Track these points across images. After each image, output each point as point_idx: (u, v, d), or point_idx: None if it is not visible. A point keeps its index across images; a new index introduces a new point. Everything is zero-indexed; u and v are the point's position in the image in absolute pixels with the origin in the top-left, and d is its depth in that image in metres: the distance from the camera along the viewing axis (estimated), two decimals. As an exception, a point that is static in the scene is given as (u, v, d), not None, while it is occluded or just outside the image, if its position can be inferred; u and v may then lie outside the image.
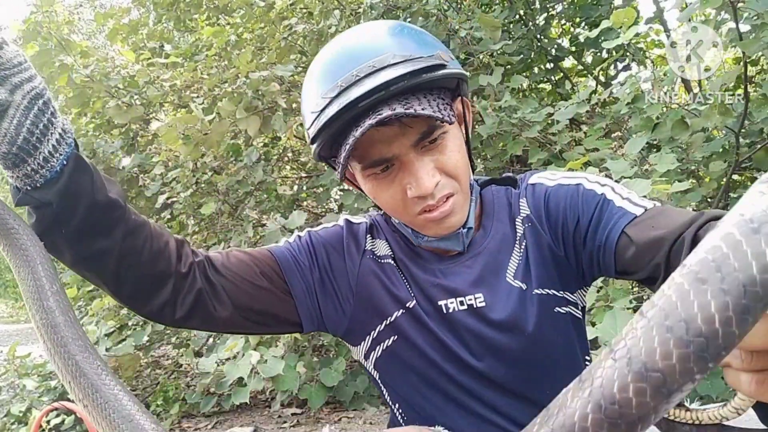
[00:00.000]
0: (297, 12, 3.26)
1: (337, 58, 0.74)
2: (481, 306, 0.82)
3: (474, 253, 0.84)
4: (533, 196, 0.84)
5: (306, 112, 0.77)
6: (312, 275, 0.85)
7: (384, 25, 0.78)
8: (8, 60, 0.55)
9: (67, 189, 0.62)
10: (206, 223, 3.58)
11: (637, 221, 0.72)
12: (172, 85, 3.02)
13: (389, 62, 0.69)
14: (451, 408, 0.84)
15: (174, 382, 3.13)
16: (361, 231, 0.90)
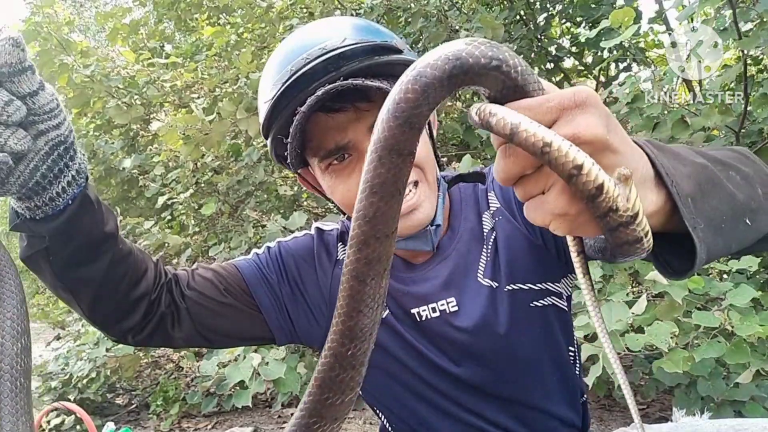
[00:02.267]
0: (298, 12, 3.26)
1: (291, 48, 0.72)
2: (453, 311, 0.80)
3: (443, 257, 0.82)
4: (501, 188, 0.82)
5: (260, 107, 0.74)
6: (281, 289, 0.83)
7: (340, 17, 0.77)
8: (41, 106, 0.54)
9: (64, 228, 0.61)
10: (206, 224, 3.58)
11: None
12: (173, 86, 3.02)
13: (341, 44, 0.67)
14: (436, 415, 0.83)
15: (174, 383, 3.13)
16: (332, 239, 0.87)
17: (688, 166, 0.43)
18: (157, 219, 3.68)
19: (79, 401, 2.74)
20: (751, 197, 0.47)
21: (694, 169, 0.43)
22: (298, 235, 0.89)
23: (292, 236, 0.90)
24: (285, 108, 0.68)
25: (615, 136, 0.37)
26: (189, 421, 2.93)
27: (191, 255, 3.18)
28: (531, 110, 0.36)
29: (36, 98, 0.53)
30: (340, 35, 0.68)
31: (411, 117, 0.35)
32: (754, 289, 1.30)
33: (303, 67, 0.67)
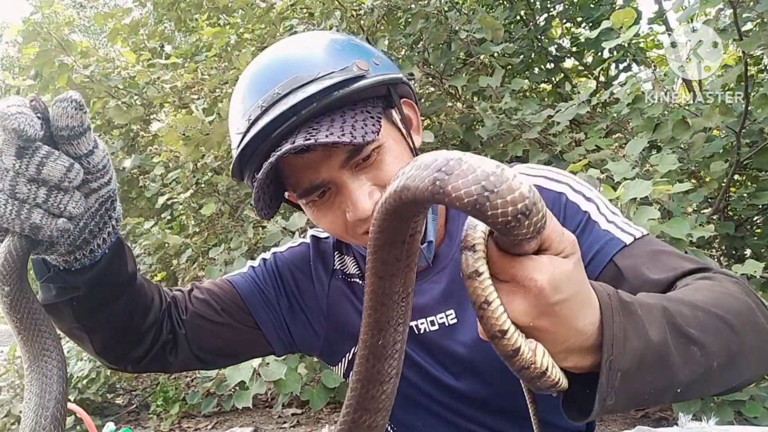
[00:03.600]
0: (298, 12, 3.25)
1: (244, 87, 0.70)
2: (452, 323, 0.78)
3: (441, 267, 0.79)
4: None
5: (231, 136, 0.72)
6: (279, 302, 0.81)
7: (297, 40, 0.73)
8: (95, 165, 0.53)
9: (100, 277, 0.60)
10: (206, 224, 3.57)
11: (627, 252, 0.67)
12: (173, 86, 3.02)
13: (296, 85, 0.64)
14: (439, 424, 0.82)
15: (174, 383, 3.13)
16: (328, 248, 0.85)
17: (643, 339, 0.42)
18: (157, 219, 3.67)
19: (79, 401, 2.74)
20: (698, 374, 0.46)
21: (646, 344, 0.42)
22: (294, 244, 0.87)
23: (288, 246, 0.87)
24: (256, 150, 0.66)
25: (548, 320, 0.38)
26: (189, 422, 2.93)
27: (191, 255, 3.18)
28: (497, 262, 0.38)
29: (91, 157, 0.53)
30: (295, 69, 0.66)
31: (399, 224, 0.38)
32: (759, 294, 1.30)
33: (262, 115, 0.64)
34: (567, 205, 0.72)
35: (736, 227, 2.52)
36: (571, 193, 0.73)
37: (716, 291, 0.55)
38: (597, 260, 0.68)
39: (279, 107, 0.63)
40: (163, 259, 3.46)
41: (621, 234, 0.69)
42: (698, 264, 0.64)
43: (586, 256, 0.69)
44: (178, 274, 3.27)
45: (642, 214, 1.34)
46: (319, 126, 0.62)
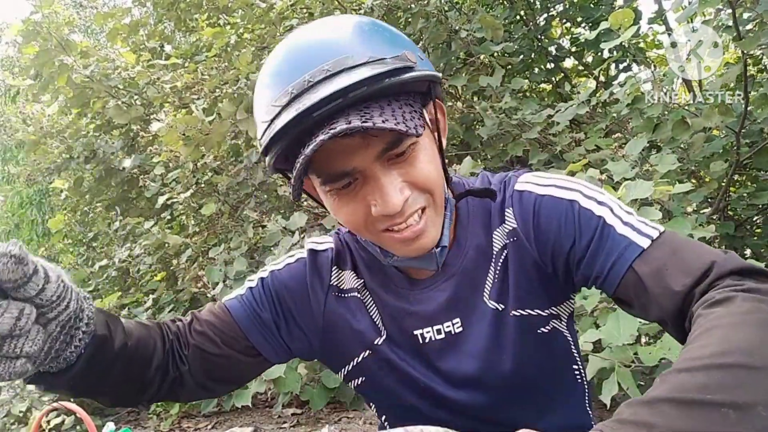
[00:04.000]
0: (298, 12, 3.25)
1: (289, 59, 0.65)
2: (458, 332, 0.76)
3: (449, 274, 0.77)
4: (520, 205, 0.74)
5: (257, 120, 0.68)
6: (277, 326, 0.80)
7: (344, 20, 0.69)
8: (48, 299, 0.53)
9: (83, 371, 0.61)
10: (206, 224, 3.58)
11: (645, 257, 0.65)
12: (173, 86, 3.02)
13: (347, 65, 0.61)
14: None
15: (174, 383, 3.13)
16: (325, 262, 0.82)
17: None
18: (157, 219, 3.68)
19: (79, 401, 2.74)
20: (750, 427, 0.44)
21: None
22: (291, 260, 0.84)
23: (285, 262, 0.84)
24: (285, 133, 0.63)
25: None
26: (189, 421, 2.93)
27: (191, 255, 3.18)
28: None
29: (43, 294, 0.53)
30: (346, 48, 0.62)
31: None
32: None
33: (305, 92, 0.61)
34: (580, 213, 0.70)
35: (735, 227, 2.52)
36: (583, 199, 0.71)
37: (730, 326, 0.52)
38: (617, 268, 0.67)
39: (328, 86, 0.60)
40: (163, 259, 3.47)
41: (638, 237, 0.67)
42: (714, 257, 0.61)
43: (605, 266, 0.67)
44: (178, 274, 3.27)
45: (643, 215, 1.34)
46: (370, 111, 0.60)
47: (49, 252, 4.32)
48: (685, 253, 0.64)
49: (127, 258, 3.55)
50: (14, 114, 4.22)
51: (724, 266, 0.60)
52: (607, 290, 0.70)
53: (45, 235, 9.82)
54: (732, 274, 0.59)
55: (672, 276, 0.62)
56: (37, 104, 3.83)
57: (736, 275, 0.59)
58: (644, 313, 0.68)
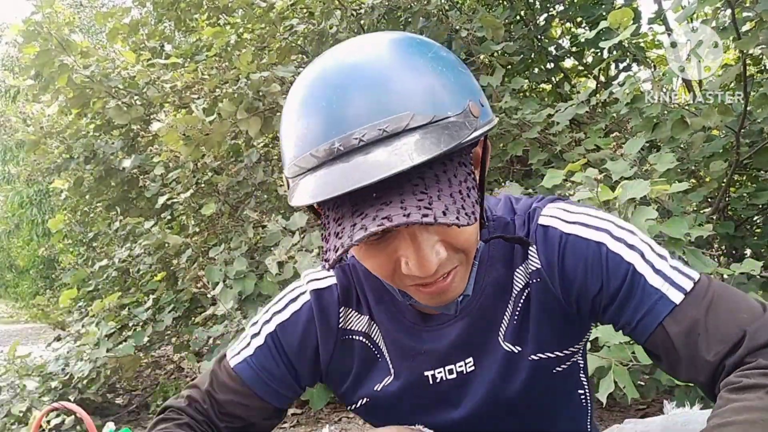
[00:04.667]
0: (298, 12, 3.26)
1: (336, 93, 0.55)
2: (471, 371, 0.74)
3: (464, 312, 0.73)
4: (545, 244, 0.69)
5: (285, 147, 0.60)
6: (292, 377, 0.78)
7: (398, 49, 0.58)
8: None
9: None
10: (206, 224, 3.58)
11: (677, 314, 0.61)
12: (173, 86, 3.02)
13: (408, 125, 0.52)
14: None
15: (174, 383, 3.13)
16: (332, 303, 0.76)
17: None
18: (157, 219, 3.67)
19: (79, 401, 2.74)
20: None
21: None
22: (295, 306, 0.77)
23: (290, 310, 0.77)
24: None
25: None
26: (189, 422, 2.93)
27: (191, 255, 3.18)
28: None
29: None
30: (407, 97, 0.53)
31: None
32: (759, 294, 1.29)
33: (354, 152, 0.52)
34: (608, 257, 0.65)
35: (735, 227, 2.52)
36: (611, 241, 0.66)
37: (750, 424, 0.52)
38: (646, 322, 0.63)
39: (383, 153, 0.51)
40: (163, 259, 3.46)
41: (670, 290, 0.63)
42: (748, 324, 0.59)
43: (634, 318, 0.64)
44: (178, 274, 3.27)
45: (640, 214, 1.35)
46: (428, 195, 0.52)
47: (49, 252, 4.32)
48: (720, 311, 0.60)
49: (127, 258, 3.55)
50: (14, 114, 4.23)
51: (758, 338, 0.58)
52: (635, 340, 0.67)
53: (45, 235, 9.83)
54: (763, 348, 0.57)
55: (703, 342, 0.60)
56: (37, 104, 3.84)
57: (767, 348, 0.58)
58: (673, 372, 0.65)
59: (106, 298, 3.12)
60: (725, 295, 0.62)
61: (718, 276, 1.48)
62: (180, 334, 3.33)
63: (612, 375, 1.33)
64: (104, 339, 2.96)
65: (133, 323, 3.23)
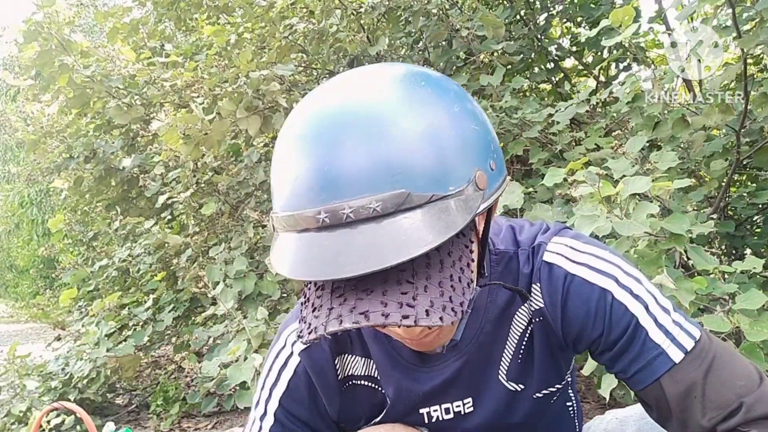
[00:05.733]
0: (297, 11, 3.25)
1: (326, 150, 0.50)
2: (468, 412, 0.73)
3: (461, 350, 0.71)
4: (549, 282, 0.67)
5: (274, 200, 0.57)
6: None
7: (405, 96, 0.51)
8: None
9: None
10: (206, 224, 3.58)
11: (675, 373, 0.61)
12: (173, 85, 3.02)
13: (405, 204, 0.47)
14: None
15: (174, 383, 3.13)
16: (325, 359, 0.73)
17: None
18: (157, 219, 3.67)
19: (79, 401, 2.74)
20: None
21: None
22: (288, 373, 0.73)
23: (284, 378, 0.73)
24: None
25: None
26: (189, 421, 2.93)
27: (191, 255, 3.18)
28: None
29: None
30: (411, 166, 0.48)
31: None
32: (763, 294, 1.29)
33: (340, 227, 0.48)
34: (613, 306, 0.64)
35: (736, 226, 2.52)
36: (617, 290, 0.65)
37: None
38: (642, 376, 0.64)
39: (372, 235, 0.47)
40: (163, 258, 3.46)
41: (670, 347, 0.62)
42: (745, 393, 0.59)
43: (630, 368, 0.65)
44: (178, 274, 3.27)
45: (641, 209, 1.35)
46: (412, 292, 0.48)
47: (49, 252, 4.32)
48: (718, 377, 0.60)
49: (127, 258, 3.55)
50: (14, 113, 4.22)
51: (754, 411, 0.58)
52: (628, 386, 0.68)
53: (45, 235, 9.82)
54: (759, 420, 0.58)
55: (699, 405, 0.60)
56: (37, 104, 3.83)
57: (763, 421, 0.58)
58: (662, 423, 0.66)
59: (106, 298, 3.12)
60: (724, 358, 0.62)
61: (720, 273, 1.48)
62: (180, 334, 3.33)
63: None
64: (104, 339, 2.95)
65: (133, 323, 3.23)
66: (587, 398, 2.31)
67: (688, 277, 1.42)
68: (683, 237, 1.36)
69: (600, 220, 1.35)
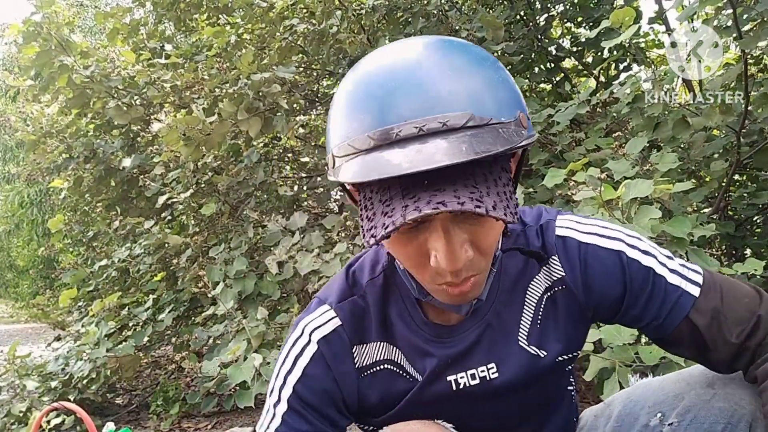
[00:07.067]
0: (298, 12, 3.25)
1: (402, 85, 0.56)
2: (494, 378, 0.75)
3: (479, 318, 0.75)
4: (566, 253, 0.74)
5: (334, 126, 0.62)
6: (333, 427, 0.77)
7: (464, 51, 0.60)
8: None
9: None
10: (206, 224, 3.58)
11: (699, 306, 0.70)
12: (173, 86, 3.02)
13: (470, 123, 0.54)
14: None
15: (174, 383, 3.13)
16: (342, 346, 0.75)
17: None
18: (157, 219, 3.67)
19: (79, 401, 2.74)
20: None
21: None
22: (305, 361, 0.75)
23: (300, 366, 0.75)
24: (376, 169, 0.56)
25: None
26: (189, 421, 2.93)
27: (191, 255, 3.18)
28: None
29: None
30: (473, 97, 0.56)
31: None
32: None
33: (412, 139, 0.53)
34: (628, 263, 0.72)
35: (736, 227, 2.52)
36: (627, 249, 0.73)
37: None
38: (672, 317, 0.71)
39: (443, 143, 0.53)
40: (163, 258, 3.46)
41: (688, 285, 0.71)
42: (757, 306, 0.70)
43: (661, 314, 0.71)
44: (178, 274, 3.27)
45: (643, 213, 1.35)
46: (479, 189, 0.54)
47: (49, 252, 4.32)
48: (731, 298, 0.70)
49: (127, 258, 3.55)
50: (14, 114, 4.22)
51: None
52: (655, 335, 0.74)
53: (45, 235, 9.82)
54: None
55: (725, 327, 0.69)
56: (37, 104, 3.83)
57: None
58: (697, 356, 0.73)
59: (106, 298, 3.12)
60: (726, 283, 0.72)
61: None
62: (180, 334, 3.32)
63: (616, 376, 1.33)
64: (104, 339, 2.96)
65: (133, 323, 3.23)
66: (587, 398, 2.31)
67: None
68: (685, 240, 1.36)
69: (602, 222, 1.35)
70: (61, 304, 3.51)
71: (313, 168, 3.79)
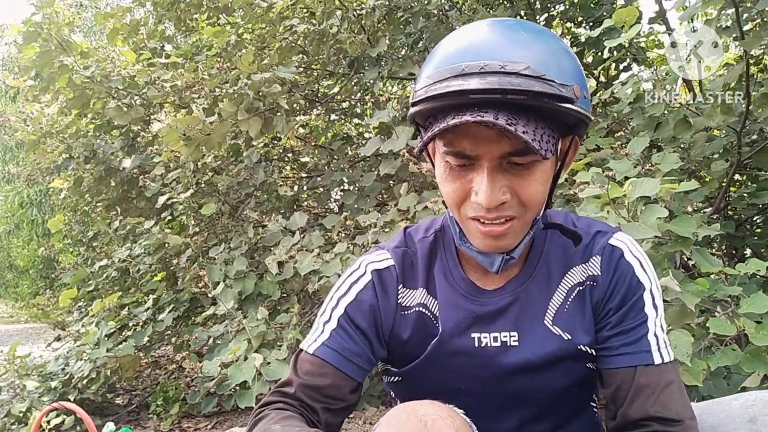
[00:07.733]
0: (298, 12, 3.25)
1: (475, 44, 0.70)
2: (513, 345, 0.81)
3: (512, 292, 0.83)
4: (610, 258, 0.82)
5: (422, 75, 0.74)
6: (368, 351, 0.85)
7: (532, 31, 0.73)
8: None
9: None
10: (206, 224, 3.57)
11: (650, 370, 0.76)
12: (173, 86, 3.02)
13: (522, 71, 0.65)
14: None
15: (174, 383, 3.13)
16: (391, 282, 0.86)
17: None
18: (157, 219, 3.67)
19: (79, 401, 2.74)
20: None
21: None
22: (359, 286, 0.86)
23: (354, 290, 0.86)
24: (439, 98, 0.68)
25: None
26: (189, 421, 2.93)
27: (191, 255, 3.17)
28: None
29: None
30: (525, 57, 0.67)
31: None
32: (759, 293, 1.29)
33: (475, 75, 0.66)
34: (642, 297, 0.80)
35: (736, 227, 2.51)
36: (648, 291, 0.81)
37: None
38: (625, 358, 0.78)
39: (497, 79, 0.65)
40: (163, 258, 3.46)
41: (656, 352, 0.78)
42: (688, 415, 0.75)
43: (620, 349, 0.78)
44: (178, 274, 3.27)
45: (650, 212, 1.35)
46: (518, 118, 0.65)
47: (49, 252, 4.31)
48: (674, 390, 0.76)
49: (127, 258, 3.54)
50: (14, 114, 4.22)
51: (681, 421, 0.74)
52: (599, 361, 0.81)
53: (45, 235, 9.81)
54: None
55: (650, 401, 0.75)
56: (37, 104, 3.83)
57: None
58: (611, 402, 0.79)
59: (106, 298, 3.11)
60: (680, 385, 0.78)
61: (723, 275, 1.47)
62: (180, 334, 3.32)
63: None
64: (104, 339, 2.95)
65: (133, 323, 3.23)
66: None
67: (689, 278, 1.42)
68: (690, 240, 1.36)
69: (608, 221, 1.35)
70: (61, 304, 3.51)
71: (313, 168, 3.78)
